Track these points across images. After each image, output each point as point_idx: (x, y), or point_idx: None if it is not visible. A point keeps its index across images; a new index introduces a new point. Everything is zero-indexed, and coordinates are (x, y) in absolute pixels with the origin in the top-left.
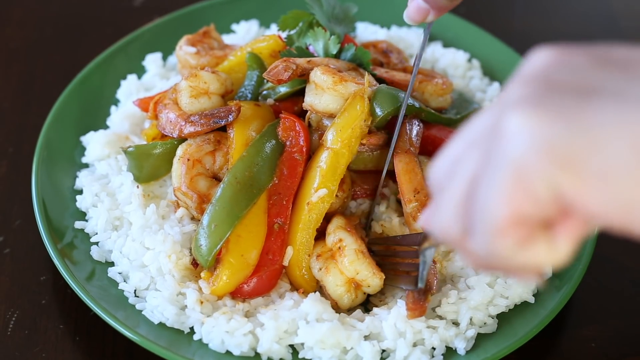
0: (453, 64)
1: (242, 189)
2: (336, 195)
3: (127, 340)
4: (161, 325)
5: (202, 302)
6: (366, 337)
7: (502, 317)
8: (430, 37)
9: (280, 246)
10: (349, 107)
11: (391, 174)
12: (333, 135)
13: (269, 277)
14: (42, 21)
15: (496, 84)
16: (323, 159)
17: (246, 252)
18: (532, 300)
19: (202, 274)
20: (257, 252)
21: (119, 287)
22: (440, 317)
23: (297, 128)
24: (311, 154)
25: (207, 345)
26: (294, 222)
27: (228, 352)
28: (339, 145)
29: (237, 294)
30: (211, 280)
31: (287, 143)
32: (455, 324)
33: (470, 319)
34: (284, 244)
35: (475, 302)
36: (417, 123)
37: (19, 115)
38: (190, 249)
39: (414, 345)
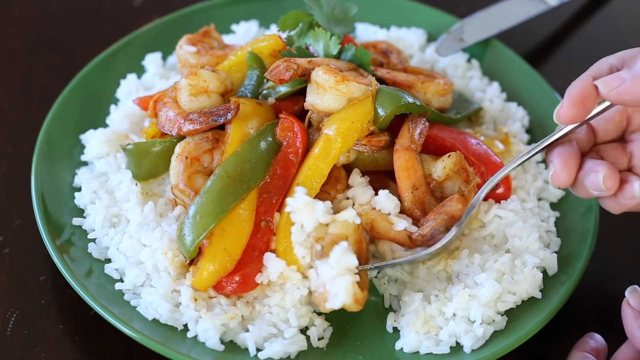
0: (453, 64)
1: (231, 183)
2: (328, 193)
3: (126, 339)
4: (155, 321)
5: (196, 300)
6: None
7: (509, 313)
8: (431, 38)
9: (267, 244)
10: (358, 103)
11: (392, 175)
12: (331, 122)
13: (254, 274)
14: (41, 21)
15: (495, 84)
16: (317, 145)
17: (229, 246)
18: (539, 295)
19: (191, 269)
20: (241, 248)
21: (116, 287)
22: (454, 315)
23: (296, 129)
24: None
25: (201, 342)
26: (285, 203)
27: (223, 350)
28: (334, 132)
29: (221, 290)
30: (191, 271)
31: (284, 143)
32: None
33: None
34: (270, 242)
35: (485, 299)
36: (423, 121)
37: (18, 115)
38: None
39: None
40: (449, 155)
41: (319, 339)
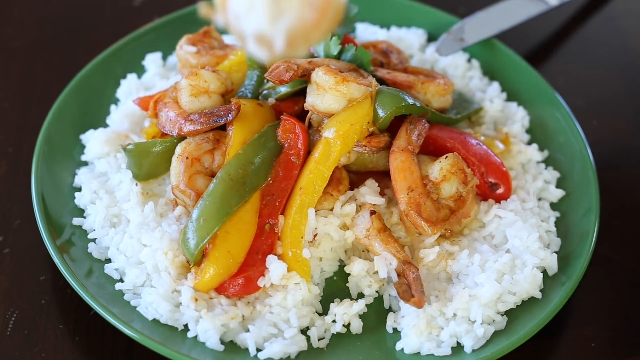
0: (453, 64)
1: (234, 186)
2: (331, 195)
3: (126, 339)
4: (155, 321)
5: (196, 300)
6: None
7: (509, 313)
8: (431, 38)
9: (270, 247)
10: (356, 105)
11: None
12: (330, 125)
13: (257, 277)
14: (42, 21)
15: (495, 84)
16: (317, 148)
17: (232, 249)
18: (539, 295)
19: (193, 270)
20: (244, 250)
21: (116, 287)
22: (454, 315)
23: (297, 131)
24: None
25: (201, 342)
26: (288, 206)
27: (223, 350)
28: (333, 135)
29: (223, 292)
30: (193, 272)
31: (285, 145)
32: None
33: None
34: (274, 245)
35: (485, 299)
36: (423, 122)
37: (18, 115)
38: None
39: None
40: (446, 157)
41: (319, 339)
